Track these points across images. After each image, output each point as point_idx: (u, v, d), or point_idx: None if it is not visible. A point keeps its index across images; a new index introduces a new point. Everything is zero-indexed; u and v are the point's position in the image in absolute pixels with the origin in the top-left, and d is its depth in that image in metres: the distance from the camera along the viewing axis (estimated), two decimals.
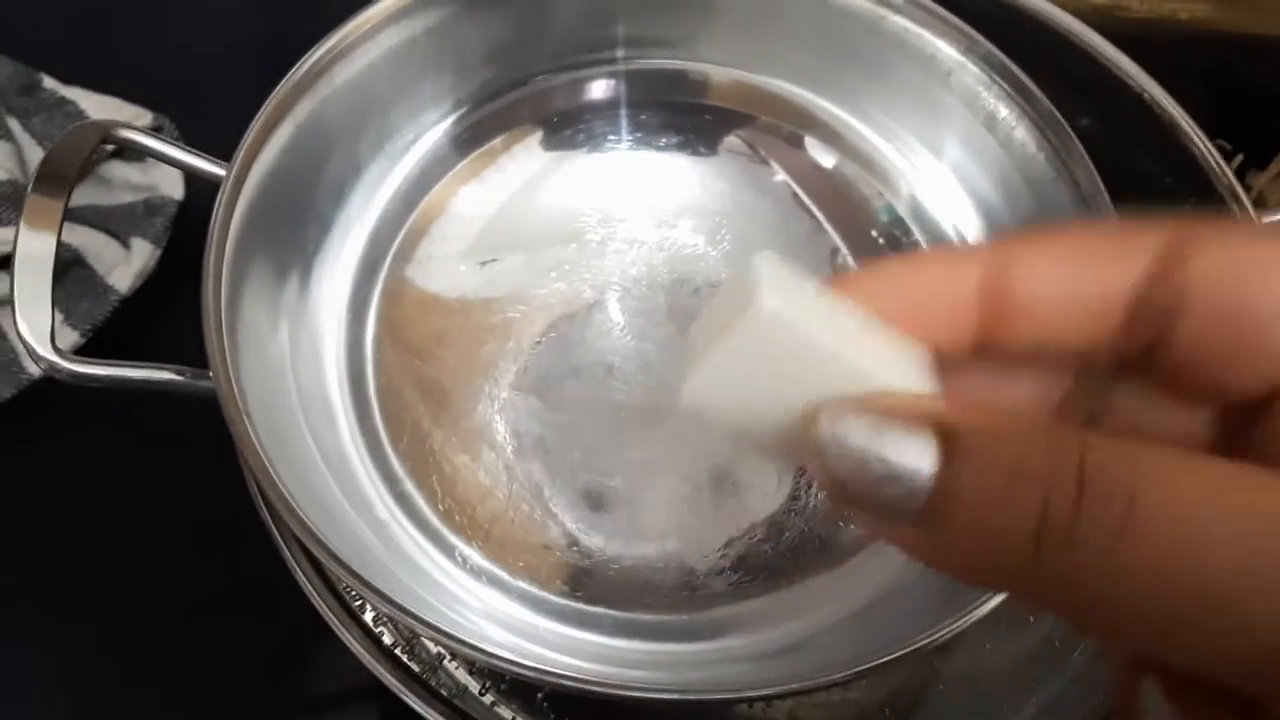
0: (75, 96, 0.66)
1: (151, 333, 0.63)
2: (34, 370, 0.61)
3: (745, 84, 0.58)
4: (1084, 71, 0.54)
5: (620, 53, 0.57)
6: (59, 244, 0.48)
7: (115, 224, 0.64)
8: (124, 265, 0.63)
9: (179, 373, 0.47)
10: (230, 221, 0.46)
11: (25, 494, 0.60)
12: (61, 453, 0.61)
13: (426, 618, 0.41)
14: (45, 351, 0.46)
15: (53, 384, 0.59)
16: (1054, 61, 0.52)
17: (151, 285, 0.64)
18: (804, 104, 0.58)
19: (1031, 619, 0.52)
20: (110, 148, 0.65)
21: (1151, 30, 0.65)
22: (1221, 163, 0.50)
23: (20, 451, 0.61)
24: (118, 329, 0.61)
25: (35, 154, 0.65)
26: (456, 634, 0.40)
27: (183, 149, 0.49)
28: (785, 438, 0.23)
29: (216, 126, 0.60)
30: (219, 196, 0.46)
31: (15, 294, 0.46)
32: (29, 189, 0.47)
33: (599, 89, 0.59)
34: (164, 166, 0.65)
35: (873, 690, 0.52)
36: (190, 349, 0.61)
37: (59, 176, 0.47)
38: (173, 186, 0.65)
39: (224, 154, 0.50)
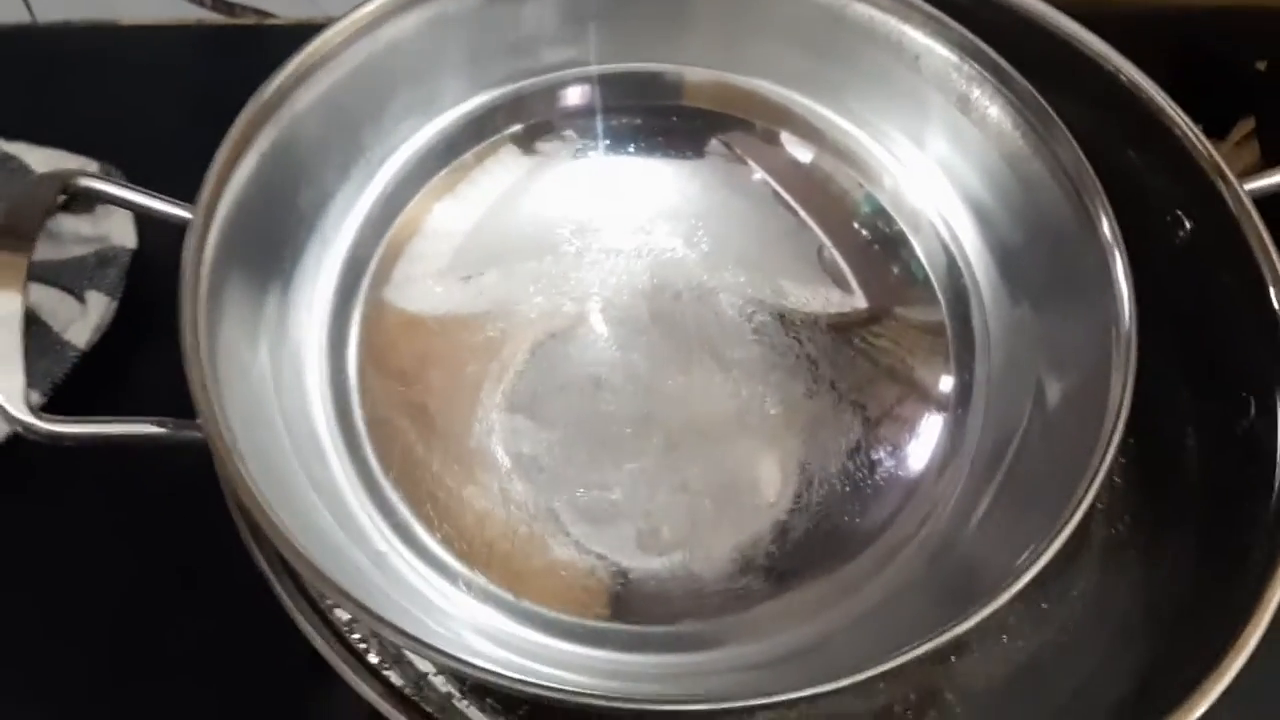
0: (18, 151, 0.65)
1: (115, 386, 0.62)
2: None
3: (721, 84, 0.57)
4: (1051, 53, 0.53)
5: (593, 56, 0.56)
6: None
7: (68, 279, 0.62)
8: (80, 320, 0.62)
9: (160, 424, 0.46)
10: (203, 258, 0.44)
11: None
12: (30, 514, 0.59)
13: (433, 643, 0.40)
14: (19, 413, 0.44)
15: (15, 445, 0.58)
16: (1017, 44, 0.52)
17: (110, 338, 0.63)
18: (781, 101, 0.57)
19: None
20: (62, 198, 0.63)
21: (1100, 6, 0.65)
22: (1201, 137, 0.51)
23: None
24: (79, 385, 0.60)
25: None
26: (452, 652, 0.40)
27: (143, 193, 0.48)
28: None
29: (164, 173, 0.59)
30: (189, 232, 0.45)
31: None
32: None
33: (573, 95, 0.57)
34: (115, 216, 0.64)
35: (874, 699, 0.51)
36: (157, 399, 0.60)
37: (21, 231, 0.46)
38: (125, 236, 0.64)
39: (178, 197, 0.49)
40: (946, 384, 0.54)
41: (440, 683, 0.50)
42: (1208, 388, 0.53)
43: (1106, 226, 0.47)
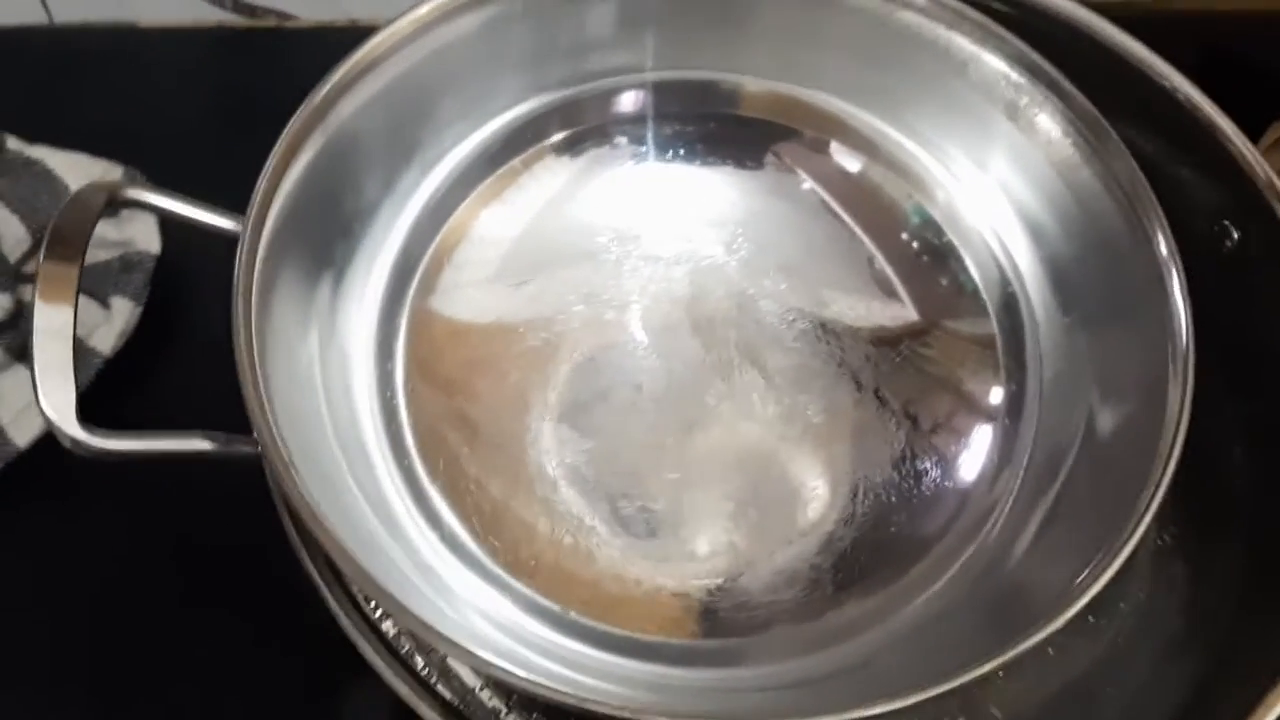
0: (41, 155, 0.64)
1: (140, 392, 0.62)
2: (20, 442, 0.59)
3: (777, 94, 0.57)
4: (1097, 60, 0.54)
5: (649, 62, 0.56)
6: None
7: (92, 284, 0.62)
8: (105, 326, 0.62)
9: (210, 439, 0.46)
10: (254, 269, 0.44)
11: (18, 569, 0.58)
12: (55, 525, 0.59)
13: (488, 657, 0.40)
14: (70, 428, 0.44)
15: (40, 456, 0.57)
16: (1063, 51, 0.52)
17: (134, 344, 0.62)
18: (836, 112, 0.57)
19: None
20: None
21: (1128, 10, 0.65)
22: (1249, 145, 0.51)
23: (10, 527, 0.59)
24: (104, 392, 0.59)
25: (4, 216, 0.63)
26: (507, 666, 0.40)
27: (195, 204, 0.48)
28: None
29: (187, 176, 0.59)
30: (241, 242, 0.45)
31: (36, 370, 0.44)
32: (41, 258, 0.45)
33: (626, 101, 0.57)
34: (139, 222, 0.64)
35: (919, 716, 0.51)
36: (183, 404, 0.61)
37: (70, 242, 0.46)
38: (149, 241, 0.64)
39: (203, 201, 0.50)
40: (996, 396, 0.54)
41: (486, 697, 0.49)
42: (1255, 397, 0.53)
43: (1163, 242, 0.48)
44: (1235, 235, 0.53)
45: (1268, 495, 0.52)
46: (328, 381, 0.50)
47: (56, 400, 0.44)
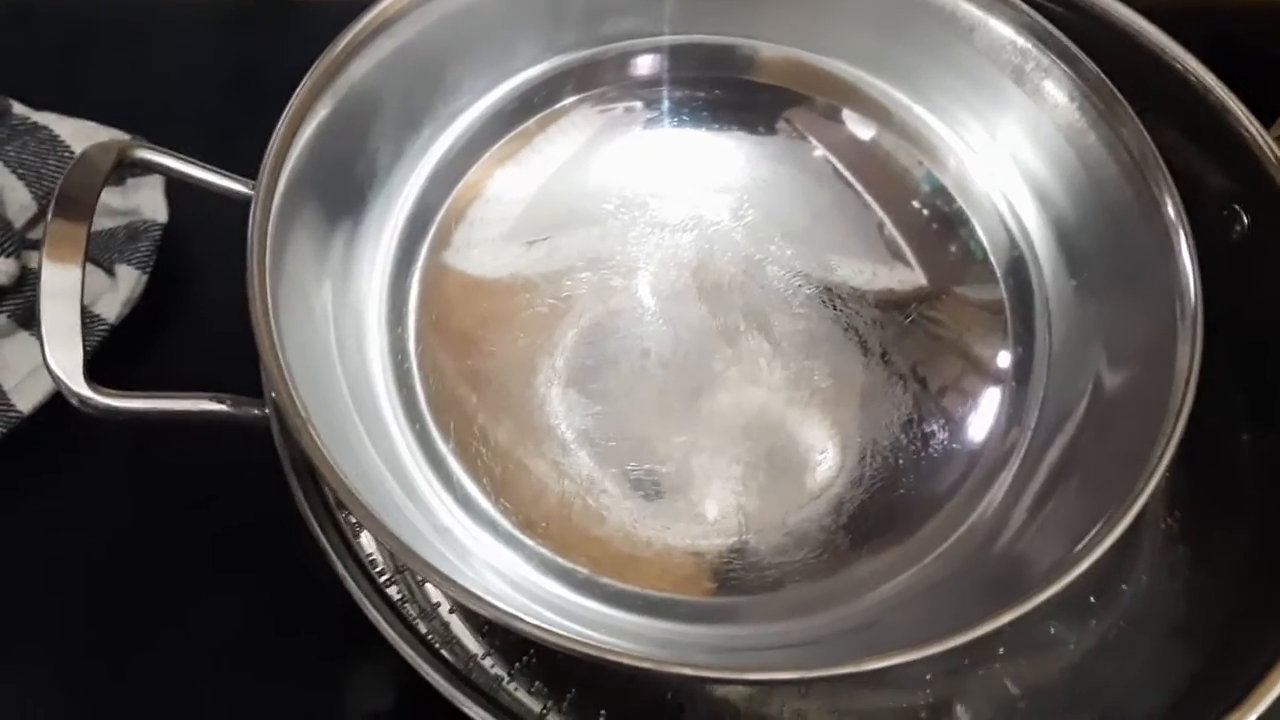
0: (48, 122, 0.64)
1: (145, 360, 0.62)
2: (23, 408, 0.59)
3: (794, 60, 0.57)
4: (1109, 43, 0.54)
5: (667, 26, 0.56)
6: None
7: (98, 251, 0.62)
8: (110, 293, 0.61)
9: (219, 400, 0.46)
10: (268, 225, 0.44)
11: (19, 536, 0.58)
12: (58, 492, 0.59)
13: (502, 607, 0.40)
14: (79, 387, 0.44)
15: (44, 422, 0.57)
16: (1076, 34, 0.52)
17: (140, 312, 0.62)
18: (851, 79, 0.57)
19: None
20: None
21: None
22: (1262, 131, 0.51)
23: (12, 493, 0.59)
24: (109, 359, 0.59)
25: (10, 182, 0.63)
26: (531, 621, 0.40)
27: (204, 167, 0.48)
28: None
29: (193, 147, 0.59)
30: (255, 198, 0.45)
31: (43, 329, 0.44)
32: (49, 216, 0.45)
33: (641, 65, 0.57)
34: (145, 189, 0.64)
35: (934, 692, 0.51)
36: (188, 374, 0.60)
37: (78, 202, 0.45)
38: (156, 209, 0.63)
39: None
40: (1004, 359, 0.54)
41: (489, 664, 0.50)
42: (1263, 384, 0.53)
43: (1170, 204, 0.48)
44: (1245, 220, 0.53)
45: (1272, 482, 0.52)
46: (341, 343, 0.50)
47: (63, 359, 0.44)
